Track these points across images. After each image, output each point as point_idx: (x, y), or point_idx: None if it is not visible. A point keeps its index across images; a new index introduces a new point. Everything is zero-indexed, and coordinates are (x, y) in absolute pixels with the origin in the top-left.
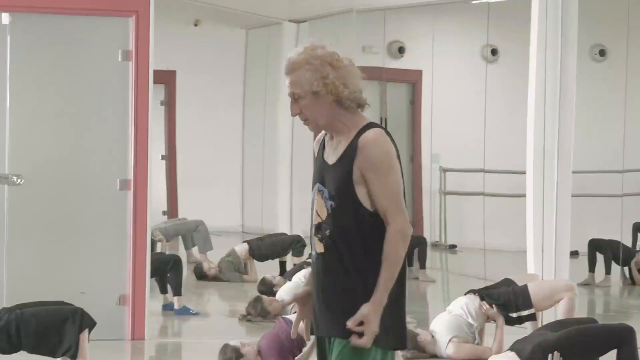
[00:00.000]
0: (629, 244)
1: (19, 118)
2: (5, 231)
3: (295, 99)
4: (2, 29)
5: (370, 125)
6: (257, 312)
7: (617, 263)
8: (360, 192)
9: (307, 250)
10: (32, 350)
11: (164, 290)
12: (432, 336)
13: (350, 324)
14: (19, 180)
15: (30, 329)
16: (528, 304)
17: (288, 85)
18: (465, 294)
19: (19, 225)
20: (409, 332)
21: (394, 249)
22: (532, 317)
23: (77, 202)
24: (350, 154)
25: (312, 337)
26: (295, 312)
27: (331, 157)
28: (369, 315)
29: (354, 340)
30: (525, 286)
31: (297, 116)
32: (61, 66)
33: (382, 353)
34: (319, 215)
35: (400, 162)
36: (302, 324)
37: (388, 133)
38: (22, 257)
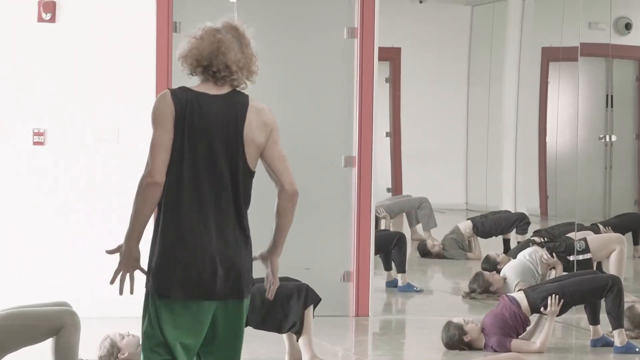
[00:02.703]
0: None
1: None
2: None
3: None
4: (230, 7)
5: None
6: (480, 286)
7: None
8: None
9: (531, 228)
10: (258, 326)
11: (388, 267)
12: None
13: None
14: None
15: (256, 305)
16: None
17: None
18: None
19: None
20: (634, 312)
21: (135, 195)
22: None
23: (302, 179)
24: None
25: (536, 316)
26: (519, 290)
27: None
28: None
29: None
30: None
31: None
32: (287, 44)
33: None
34: None
35: (185, 121)
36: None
37: (174, 93)
38: (251, 232)
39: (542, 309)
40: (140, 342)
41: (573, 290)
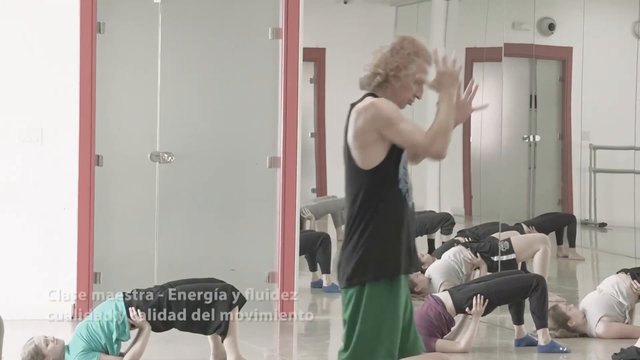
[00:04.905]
0: None
1: (169, 96)
2: (156, 209)
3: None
4: (154, 8)
5: None
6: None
7: None
8: None
9: (456, 228)
10: (184, 327)
11: (313, 268)
12: (584, 316)
13: None
14: (169, 158)
15: (181, 307)
16: None
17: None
18: (616, 273)
19: (170, 202)
20: (557, 311)
21: None
22: None
23: (226, 180)
24: None
25: (461, 316)
26: (444, 290)
27: None
28: None
29: None
30: None
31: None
32: (212, 45)
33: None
34: None
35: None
36: None
37: None
38: (172, 234)
39: (467, 309)
40: (70, 348)
41: (498, 290)
